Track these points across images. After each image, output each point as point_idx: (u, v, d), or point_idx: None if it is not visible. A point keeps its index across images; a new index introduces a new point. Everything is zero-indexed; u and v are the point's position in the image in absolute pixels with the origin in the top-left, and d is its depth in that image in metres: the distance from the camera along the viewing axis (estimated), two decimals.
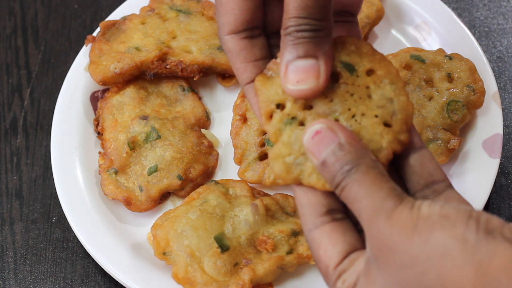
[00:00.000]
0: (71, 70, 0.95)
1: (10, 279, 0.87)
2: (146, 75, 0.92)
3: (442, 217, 0.53)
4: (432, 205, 0.55)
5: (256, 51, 0.64)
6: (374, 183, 0.56)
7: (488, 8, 1.04)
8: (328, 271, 0.59)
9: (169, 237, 0.78)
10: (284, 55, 0.60)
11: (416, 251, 0.53)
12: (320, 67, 0.59)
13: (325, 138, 0.58)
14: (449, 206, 0.54)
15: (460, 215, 0.53)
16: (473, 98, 0.85)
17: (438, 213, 0.53)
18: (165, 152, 0.86)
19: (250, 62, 0.64)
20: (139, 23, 0.95)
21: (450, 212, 0.53)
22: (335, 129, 0.59)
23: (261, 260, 0.77)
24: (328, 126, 0.59)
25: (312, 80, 0.59)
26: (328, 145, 0.58)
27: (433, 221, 0.53)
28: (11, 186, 0.93)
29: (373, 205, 0.55)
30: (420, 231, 0.53)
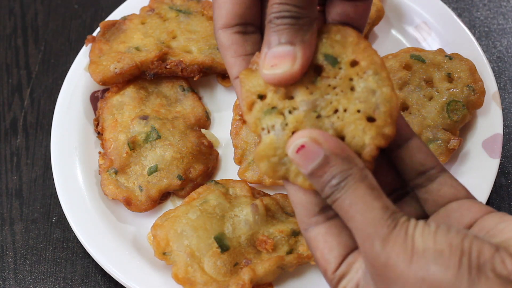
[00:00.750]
0: (71, 70, 0.95)
1: (10, 279, 0.87)
2: (146, 75, 0.92)
3: (436, 254, 0.54)
4: (425, 235, 0.55)
5: (247, 46, 0.63)
6: (365, 202, 0.56)
7: (488, 8, 1.05)
8: (328, 275, 0.60)
9: (169, 237, 0.78)
10: (265, 43, 0.60)
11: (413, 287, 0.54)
12: (296, 54, 0.58)
13: (309, 152, 0.58)
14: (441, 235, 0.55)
15: (453, 252, 0.54)
16: (473, 98, 0.85)
17: (432, 249, 0.54)
18: (165, 152, 0.86)
19: (241, 56, 0.64)
20: (139, 23, 0.95)
21: (443, 249, 0.54)
22: (319, 140, 0.58)
23: (261, 260, 0.77)
24: (312, 138, 0.58)
25: (286, 65, 0.59)
26: (314, 159, 0.58)
27: (427, 258, 0.54)
28: (11, 186, 0.93)
29: (366, 229, 0.56)
30: (416, 267, 0.54)
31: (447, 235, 0.55)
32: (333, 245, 0.60)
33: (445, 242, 0.54)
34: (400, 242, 0.54)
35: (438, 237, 0.54)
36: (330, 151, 0.57)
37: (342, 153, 0.58)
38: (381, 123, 0.59)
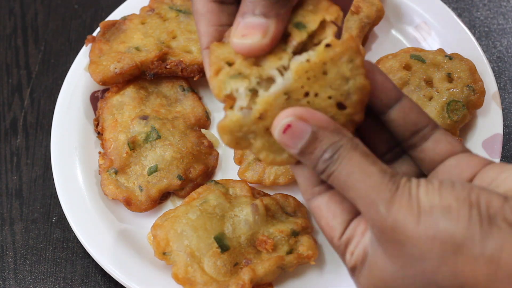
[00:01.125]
0: (71, 70, 0.95)
1: (10, 279, 0.87)
2: (146, 75, 0.92)
3: (444, 210, 0.53)
4: (429, 193, 0.54)
5: (222, 16, 0.63)
6: (362, 169, 0.56)
7: (488, 8, 1.05)
8: (334, 242, 0.60)
9: (169, 237, 0.78)
10: (239, 12, 0.59)
11: (425, 247, 0.53)
12: (269, 27, 0.58)
13: (296, 131, 0.57)
14: (447, 191, 0.54)
15: (461, 206, 0.53)
16: (473, 98, 0.85)
17: (439, 205, 0.53)
18: (165, 152, 0.86)
19: (214, 26, 0.63)
20: (139, 23, 0.95)
21: (451, 204, 0.53)
22: (305, 116, 0.57)
23: (261, 260, 0.77)
24: (297, 116, 0.57)
25: (256, 36, 0.58)
26: (302, 137, 0.57)
27: (435, 215, 0.53)
28: (11, 186, 0.93)
29: (368, 195, 0.55)
30: (425, 226, 0.53)
31: (453, 190, 0.54)
32: (337, 212, 0.60)
33: (452, 197, 0.53)
34: (405, 204, 0.54)
35: (443, 193, 0.54)
36: (317, 126, 0.57)
37: (329, 126, 0.57)
38: (351, 111, 0.59)
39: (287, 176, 0.84)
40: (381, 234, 0.55)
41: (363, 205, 0.56)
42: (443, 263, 0.53)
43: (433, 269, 0.53)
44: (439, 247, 0.53)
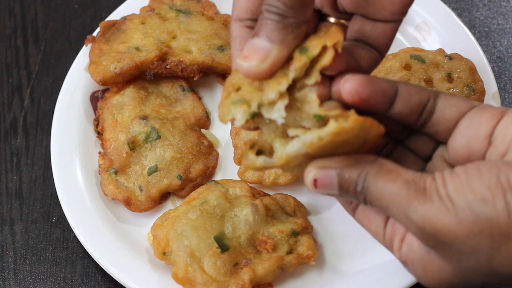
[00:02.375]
0: (71, 70, 0.95)
1: (10, 279, 0.87)
2: (146, 75, 0.92)
3: (480, 203, 0.54)
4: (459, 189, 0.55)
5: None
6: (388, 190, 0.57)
7: (488, 8, 1.04)
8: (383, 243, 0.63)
9: (169, 237, 0.78)
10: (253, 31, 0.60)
11: (474, 243, 0.54)
12: (270, 52, 0.58)
13: (323, 180, 0.60)
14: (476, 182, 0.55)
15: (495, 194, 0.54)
16: (473, 98, 0.85)
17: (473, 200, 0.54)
18: (165, 152, 0.86)
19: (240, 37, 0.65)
20: (139, 23, 0.95)
21: (484, 195, 0.54)
22: (324, 164, 0.60)
23: (261, 260, 0.77)
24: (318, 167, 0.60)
25: (255, 60, 0.59)
26: (332, 182, 0.59)
27: (474, 212, 0.54)
28: (11, 186, 0.93)
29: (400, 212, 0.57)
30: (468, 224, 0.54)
31: (481, 179, 0.55)
32: (371, 217, 0.63)
33: (483, 187, 0.54)
34: (437, 207, 0.55)
35: (473, 185, 0.55)
36: (339, 168, 0.59)
37: (349, 161, 0.59)
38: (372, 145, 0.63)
39: (287, 176, 0.84)
40: (426, 241, 0.57)
41: (401, 222, 0.57)
42: (495, 252, 0.54)
43: (488, 259, 0.55)
44: (488, 239, 0.54)
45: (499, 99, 0.88)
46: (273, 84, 0.61)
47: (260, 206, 0.80)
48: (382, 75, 0.88)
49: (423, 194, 0.56)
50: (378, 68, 0.89)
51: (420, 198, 0.55)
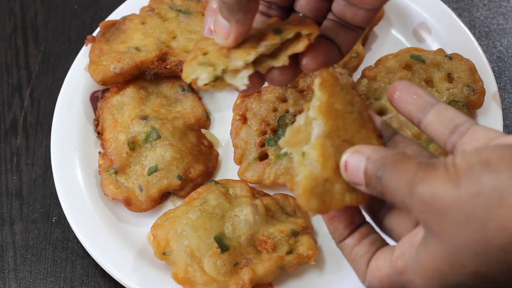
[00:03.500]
0: (71, 70, 0.95)
1: (10, 279, 0.87)
2: (146, 75, 0.92)
3: (483, 164, 0.52)
4: (466, 155, 0.54)
5: None
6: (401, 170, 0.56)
7: (488, 8, 1.04)
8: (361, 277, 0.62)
9: (169, 237, 0.78)
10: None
11: (469, 206, 0.52)
12: (231, 31, 0.67)
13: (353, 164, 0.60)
14: (484, 149, 0.54)
15: (500, 156, 0.52)
16: (473, 98, 0.85)
17: (477, 161, 0.53)
18: (165, 152, 0.86)
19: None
20: (139, 23, 0.95)
21: (490, 157, 0.52)
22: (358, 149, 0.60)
23: (261, 260, 0.77)
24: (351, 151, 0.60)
25: (221, 39, 0.68)
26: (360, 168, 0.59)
27: (475, 171, 0.52)
28: (11, 186, 0.93)
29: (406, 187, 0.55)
30: (466, 185, 0.52)
31: (492, 147, 0.54)
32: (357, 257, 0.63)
33: (489, 151, 0.53)
34: (441, 174, 0.54)
35: (481, 151, 0.53)
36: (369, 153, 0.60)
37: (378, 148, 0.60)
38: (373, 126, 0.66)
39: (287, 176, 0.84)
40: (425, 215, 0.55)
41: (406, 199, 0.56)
42: (489, 219, 0.52)
43: (481, 229, 0.52)
44: (484, 202, 0.52)
45: (499, 99, 0.88)
46: (241, 54, 0.67)
47: (260, 206, 0.80)
48: (383, 75, 0.88)
49: (430, 166, 0.55)
50: (378, 68, 0.89)
51: (427, 169, 0.55)
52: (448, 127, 0.62)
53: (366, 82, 0.88)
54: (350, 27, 0.73)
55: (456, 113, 0.62)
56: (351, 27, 0.73)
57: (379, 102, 0.87)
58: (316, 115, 0.61)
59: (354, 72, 0.94)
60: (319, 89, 0.62)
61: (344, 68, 0.92)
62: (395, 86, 0.64)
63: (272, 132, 0.86)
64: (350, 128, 0.62)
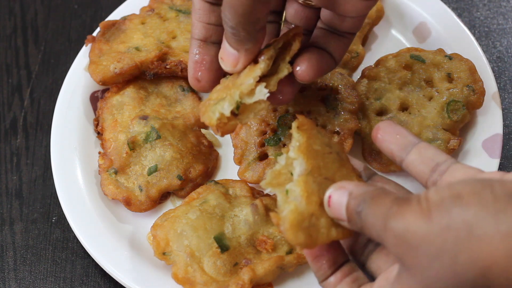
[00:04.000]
0: (71, 70, 0.95)
1: (10, 279, 0.87)
2: (146, 75, 0.92)
3: (454, 198, 0.53)
4: (438, 190, 0.54)
5: (212, 16, 0.71)
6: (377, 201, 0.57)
7: (488, 8, 1.04)
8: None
9: (169, 237, 0.78)
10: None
11: (439, 240, 0.53)
12: (239, 59, 0.69)
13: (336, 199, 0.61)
14: (456, 183, 0.54)
15: (471, 190, 0.53)
16: (473, 98, 0.85)
17: (448, 195, 0.53)
18: (165, 152, 0.86)
19: (202, 23, 0.71)
20: (139, 23, 0.95)
21: (461, 191, 0.53)
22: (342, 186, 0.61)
23: (261, 260, 0.77)
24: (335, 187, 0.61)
25: (229, 67, 0.70)
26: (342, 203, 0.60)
27: (446, 205, 0.53)
28: (11, 186, 0.93)
29: (382, 221, 0.56)
30: (437, 219, 0.53)
31: (464, 181, 0.54)
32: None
33: (462, 185, 0.54)
34: (414, 209, 0.54)
35: (453, 185, 0.54)
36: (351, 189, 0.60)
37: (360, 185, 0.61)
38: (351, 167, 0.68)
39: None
40: (398, 249, 0.55)
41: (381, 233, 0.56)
42: (459, 252, 0.52)
43: (451, 262, 0.52)
44: (454, 236, 0.52)
45: (499, 99, 0.88)
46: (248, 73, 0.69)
47: (260, 206, 0.80)
48: (383, 75, 0.88)
49: (404, 201, 0.56)
50: (378, 68, 0.89)
51: (401, 204, 0.56)
52: (429, 166, 0.63)
53: (366, 82, 0.88)
54: (341, 34, 0.74)
55: (436, 152, 0.63)
56: (341, 33, 0.74)
57: (379, 102, 0.87)
58: (297, 155, 0.63)
59: (354, 72, 0.94)
60: (297, 132, 0.64)
61: (344, 68, 0.92)
62: (378, 126, 0.66)
63: (272, 132, 0.86)
64: (331, 167, 0.64)
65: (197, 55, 0.73)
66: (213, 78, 0.74)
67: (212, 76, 0.74)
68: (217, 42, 0.73)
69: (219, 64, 0.73)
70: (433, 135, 0.84)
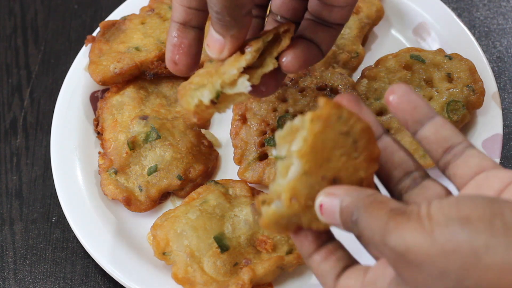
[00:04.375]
0: (71, 70, 0.95)
1: (10, 279, 0.87)
2: (146, 75, 0.92)
3: (462, 221, 0.51)
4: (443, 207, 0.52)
5: (193, 1, 0.70)
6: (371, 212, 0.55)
7: (488, 8, 1.04)
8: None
9: (169, 237, 0.78)
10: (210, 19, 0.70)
11: (444, 262, 0.51)
12: (225, 45, 0.69)
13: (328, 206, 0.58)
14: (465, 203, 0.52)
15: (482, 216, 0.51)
16: (473, 98, 0.85)
17: (455, 217, 0.51)
18: (165, 152, 0.86)
19: (183, 6, 0.71)
20: (139, 23, 0.95)
21: (470, 214, 0.51)
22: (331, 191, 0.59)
23: (261, 260, 0.77)
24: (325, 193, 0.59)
25: (215, 53, 0.70)
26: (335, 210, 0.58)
27: (453, 227, 0.51)
28: (11, 186, 0.93)
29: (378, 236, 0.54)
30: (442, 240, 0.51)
31: (472, 202, 0.52)
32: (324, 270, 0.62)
33: (470, 208, 0.51)
34: (413, 225, 0.52)
35: (461, 205, 0.52)
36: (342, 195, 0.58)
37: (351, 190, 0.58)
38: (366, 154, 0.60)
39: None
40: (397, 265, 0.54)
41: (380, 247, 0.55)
42: (465, 277, 0.51)
43: (456, 285, 0.51)
44: (460, 261, 0.51)
45: (499, 99, 0.88)
46: (232, 63, 0.68)
47: None
48: (383, 75, 0.88)
49: (401, 215, 0.54)
50: (378, 68, 0.89)
51: (398, 219, 0.53)
52: (443, 147, 0.61)
53: (366, 82, 0.88)
54: (328, 25, 0.73)
55: (452, 132, 0.61)
56: (329, 24, 0.73)
57: (379, 102, 0.87)
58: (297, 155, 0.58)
59: (354, 72, 0.94)
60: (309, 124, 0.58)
61: (344, 68, 0.92)
62: (393, 89, 0.62)
63: (272, 132, 0.86)
64: (337, 162, 0.60)
65: (176, 38, 0.72)
66: (191, 62, 0.73)
67: (190, 60, 0.73)
68: (196, 27, 0.72)
69: (198, 49, 0.73)
70: None
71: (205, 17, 0.72)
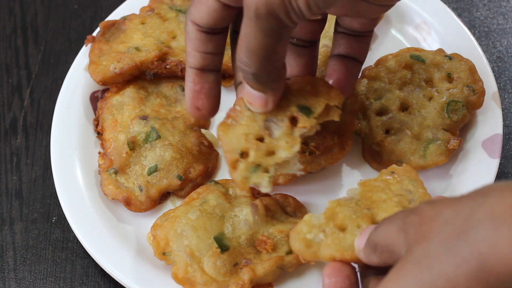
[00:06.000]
0: (71, 70, 0.95)
1: (10, 279, 0.87)
2: (146, 75, 0.92)
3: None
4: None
5: (209, 46, 0.69)
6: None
7: (488, 8, 1.04)
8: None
9: (169, 237, 0.78)
10: (240, 91, 0.70)
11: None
12: (268, 99, 0.67)
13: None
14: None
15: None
16: (473, 98, 0.85)
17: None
18: (165, 152, 0.86)
19: (200, 52, 0.69)
20: (139, 23, 0.95)
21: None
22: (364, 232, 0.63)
23: (261, 260, 0.77)
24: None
25: (259, 108, 0.68)
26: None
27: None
28: (11, 186, 0.93)
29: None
30: None
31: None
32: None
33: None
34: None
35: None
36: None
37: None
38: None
39: (287, 176, 0.84)
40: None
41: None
42: None
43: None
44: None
45: (499, 99, 0.88)
46: (287, 147, 0.68)
47: (260, 206, 0.80)
48: (383, 75, 0.88)
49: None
50: (378, 68, 0.89)
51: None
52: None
53: (366, 82, 0.88)
54: (360, 34, 0.75)
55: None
56: (361, 34, 0.75)
57: (379, 102, 0.87)
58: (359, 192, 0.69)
59: None
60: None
61: None
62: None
63: None
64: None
65: (196, 85, 0.72)
66: (214, 105, 0.73)
67: (213, 103, 0.73)
68: (214, 70, 0.71)
69: (218, 91, 0.72)
70: (433, 135, 0.84)
71: (221, 59, 0.72)
